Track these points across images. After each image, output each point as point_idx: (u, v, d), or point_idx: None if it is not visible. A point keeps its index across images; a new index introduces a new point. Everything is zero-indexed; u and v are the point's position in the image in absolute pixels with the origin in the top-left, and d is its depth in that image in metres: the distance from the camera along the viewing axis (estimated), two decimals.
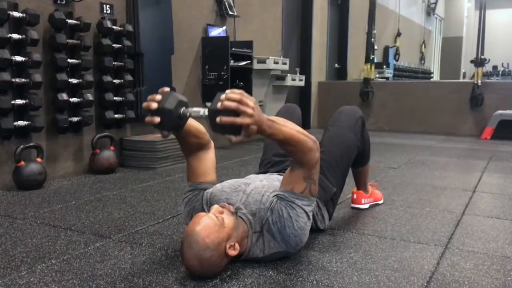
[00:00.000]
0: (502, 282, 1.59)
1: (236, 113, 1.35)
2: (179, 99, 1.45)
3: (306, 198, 1.65)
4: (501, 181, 3.34)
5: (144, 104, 1.45)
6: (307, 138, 1.58)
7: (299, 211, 1.63)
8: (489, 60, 6.89)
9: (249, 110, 1.35)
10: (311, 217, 1.68)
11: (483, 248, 1.93)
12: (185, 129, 1.65)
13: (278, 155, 2.18)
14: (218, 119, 1.34)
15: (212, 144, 1.87)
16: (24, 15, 2.89)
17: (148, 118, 1.44)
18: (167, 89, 1.48)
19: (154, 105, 1.43)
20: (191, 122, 1.72)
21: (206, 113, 1.39)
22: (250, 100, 1.37)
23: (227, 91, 1.38)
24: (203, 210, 1.74)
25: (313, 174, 1.65)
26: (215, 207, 1.61)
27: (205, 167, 1.84)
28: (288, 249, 1.68)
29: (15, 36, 2.86)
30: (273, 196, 1.67)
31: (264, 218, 1.65)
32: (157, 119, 1.43)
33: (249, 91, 4.79)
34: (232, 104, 1.34)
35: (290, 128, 1.53)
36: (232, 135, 1.37)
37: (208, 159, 1.85)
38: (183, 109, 1.44)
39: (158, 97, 1.45)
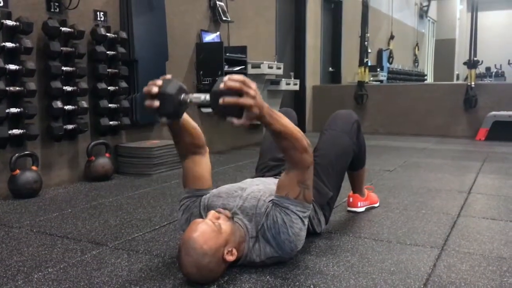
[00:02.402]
0: (498, 283, 1.60)
1: (239, 94, 1.37)
2: (180, 85, 1.47)
3: (301, 205, 1.65)
4: (496, 182, 3.36)
5: (145, 88, 1.47)
6: (303, 137, 1.60)
7: (293, 217, 1.63)
8: (482, 61, 6.94)
9: (252, 92, 1.39)
10: (306, 223, 1.69)
11: (479, 249, 1.94)
12: (182, 124, 1.67)
13: (275, 159, 2.19)
14: (221, 100, 1.35)
15: (207, 150, 1.87)
16: (18, 23, 2.89)
17: (148, 102, 1.45)
18: (168, 76, 1.50)
19: (155, 89, 1.44)
20: (189, 120, 1.74)
21: (208, 98, 1.41)
22: (252, 83, 1.41)
23: (229, 75, 1.41)
24: (201, 216, 1.74)
25: (307, 179, 1.65)
26: (212, 213, 1.61)
27: (201, 172, 1.84)
28: (284, 255, 1.68)
29: (9, 44, 2.86)
30: (269, 201, 1.68)
31: (260, 224, 1.65)
32: (157, 103, 1.44)
33: None
34: (236, 84, 1.37)
35: (288, 122, 1.56)
36: (234, 117, 1.39)
37: (204, 164, 1.85)
38: (183, 95, 1.46)
39: (159, 82, 1.46)
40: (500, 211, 2.56)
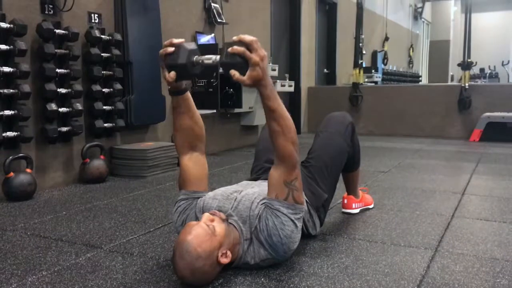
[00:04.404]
0: (491, 284, 1.61)
1: (249, 50, 1.45)
2: (196, 48, 1.57)
3: (292, 206, 1.66)
4: (489, 183, 3.37)
5: (167, 42, 1.58)
6: (294, 130, 1.62)
7: (284, 219, 1.63)
8: (476, 63, 6.99)
9: (261, 52, 1.47)
10: (299, 225, 1.69)
11: (473, 250, 1.95)
12: (186, 100, 1.74)
13: (270, 161, 2.18)
14: (230, 49, 1.44)
15: (204, 150, 1.88)
16: (12, 25, 2.88)
17: (162, 50, 1.57)
18: (177, 41, 1.58)
19: (177, 40, 1.56)
20: (192, 102, 1.78)
21: (218, 58, 1.50)
22: (262, 49, 1.48)
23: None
24: (197, 219, 1.73)
25: (293, 179, 1.65)
26: (206, 215, 1.62)
27: (198, 174, 1.84)
28: (277, 257, 1.68)
29: (3, 46, 2.85)
30: (261, 204, 1.68)
31: (253, 226, 1.65)
32: (171, 49, 1.56)
33: (239, 98, 4.81)
34: (248, 38, 1.46)
35: (284, 107, 1.60)
36: (237, 70, 1.46)
37: (202, 165, 1.85)
38: (196, 56, 1.55)
39: (181, 39, 1.57)
40: (494, 212, 2.57)
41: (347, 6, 8.19)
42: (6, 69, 2.86)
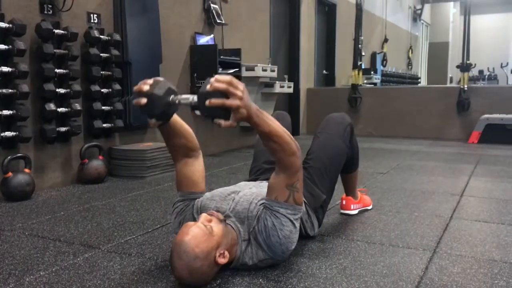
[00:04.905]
0: (489, 286, 1.61)
1: (226, 95, 1.36)
2: (169, 86, 1.47)
3: (291, 207, 1.66)
4: (488, 185, 3.38)
5: (135, 87, 1.49)
6: (292, 141, 1.59)
7: (283, 220, 1.63)
8: (475, 65, 6.99)
9: (239, 93, 1.38)
10: (297, 225, 1.69)
11: (471, 252, 1.95)
12: (173, 126, 1.68)
13: (269, 162, 2.19)
14: (207, 101, 1.35)
15: (201, 153, 1.87)
16: (11, 25, 2.88)
17: (136, 100, 1.47)
18: (161, 78, 1.51)
19: (145, 87, 1.46)
20: (181, 122, 1.74)
21: (196, 99, 1.40)
22: (239, 84, 1.39)
23: (216, 75, 1.41)
24: (194, 219, 1.73)
25: (295, 182, 1.65)
26: (203, 215, 1.62)
27: (194, 176, 1.84)
28: (276, 257, 1.68)
29: (1, 46, 2.84)
30: (260, 205, 1.68)
31: (251, 227, 1.65)
32: (144, 100, 1.45)
33: None
34: (222, 85, 1.36)
35: (277, 125, 1.55)
36: (221, 119, 1.39)
37: (197, 167, 1.85)
38: (172, 96, 1.46)
39: (150, 81, 1.48)
40: (492, 214, 2.57)
41: (346, 7, 8.19)
42: (5, 69, 2.86)
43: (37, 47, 3.10)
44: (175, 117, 1.69)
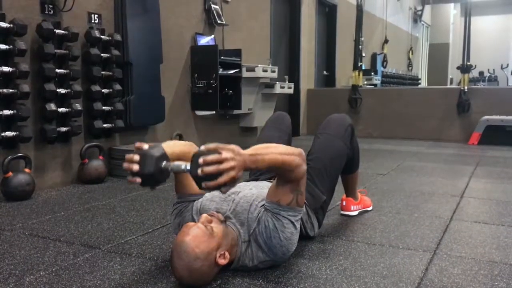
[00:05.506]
0: (489, 287, 1.61)
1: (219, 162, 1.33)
2: (156, 156, 1.44)
3: (293, 209, 1.65)
4: (488, 186, 3.38)
5: (125, 166, 1.45)
6: (292, 156, 1.56)
7: (285, 222, 1.63)
8: (475, 66, 6.99)
9: (231, 164, 1.34)
10: (298, 226, 1.69)
11: (471, 253, 1.95)
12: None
13: None
14: (203, 184, 1.34)
15: None
16: (12, 25, 2.88)
17: (130, 178, 1.44)
18: (144, 146, 1.47)
19: (135, 167, 1.42)
20: (176, 151, 1.69)
21: (188, 167, 1.38)
22: (227, 151, 1.35)
23: (202, 147, 1.36)
24: (193, 221, 1.73)
25: (300, 186, 1.65)
26: (204, 216, 1.62)
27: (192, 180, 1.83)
28: (276, 259, 1.68)
29: (2, 46, 2.84)
30: (261, 206, 1.68)
31: (252, 228, 1.65)
32: (139, 180, 1.43)
33: (239, 99, 4.81)
34: (212, 168, 1.32)
35: (272, 153, 1.51)
36: (221, 189, 1.36)
37: None
38: (164, 163, 1.44)
39: (136, 157, 1.44)
40: (492, 215, 2.57)
41: (346, 8, 8.20)
42: (6, 68, 2.86)
43: (38, 47, 3.11)
44: (175, 149, 1.69)
